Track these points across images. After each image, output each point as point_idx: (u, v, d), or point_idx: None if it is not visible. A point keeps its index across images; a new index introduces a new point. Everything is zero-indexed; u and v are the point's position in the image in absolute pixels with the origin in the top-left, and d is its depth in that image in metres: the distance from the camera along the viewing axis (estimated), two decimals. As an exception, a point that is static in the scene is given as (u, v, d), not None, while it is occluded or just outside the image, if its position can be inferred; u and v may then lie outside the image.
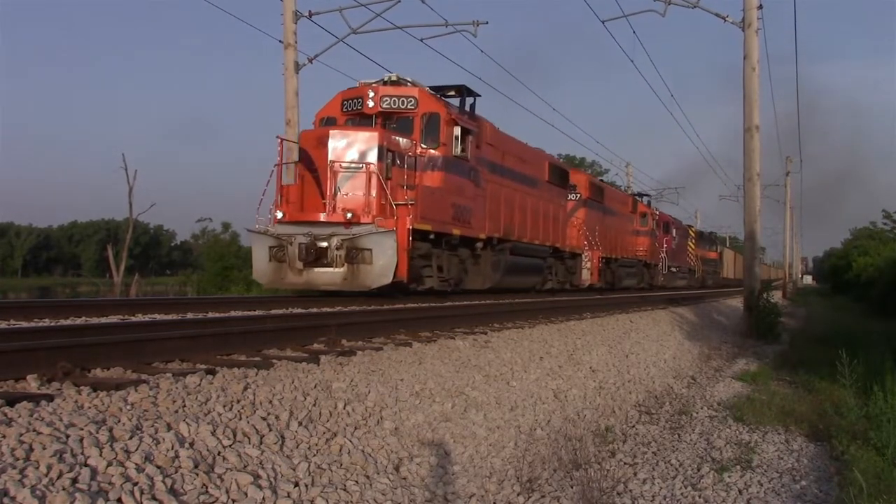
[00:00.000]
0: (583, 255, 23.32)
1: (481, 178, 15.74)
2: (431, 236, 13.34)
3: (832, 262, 72.47)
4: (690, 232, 48.21)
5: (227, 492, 3.80)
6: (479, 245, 15.65)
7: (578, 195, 24.13)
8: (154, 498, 3.47)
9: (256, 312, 8.03)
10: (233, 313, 7.93)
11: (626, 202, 32.26)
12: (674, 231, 40.04)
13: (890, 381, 7.75)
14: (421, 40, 20.42)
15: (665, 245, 36.19)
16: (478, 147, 15.50)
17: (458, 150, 14.27)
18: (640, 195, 38.51)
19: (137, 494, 3.43)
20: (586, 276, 23.69)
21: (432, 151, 14.04)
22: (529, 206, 18.75)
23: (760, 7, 18.57)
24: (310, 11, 19.68)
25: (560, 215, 21.57)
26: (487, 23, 19.28)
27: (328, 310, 9.62)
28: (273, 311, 8.21)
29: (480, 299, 14.47)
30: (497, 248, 16.69)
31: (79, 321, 6.71)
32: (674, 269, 39.33)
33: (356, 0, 19.39)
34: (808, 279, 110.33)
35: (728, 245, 75.26)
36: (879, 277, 31.16)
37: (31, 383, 4.59)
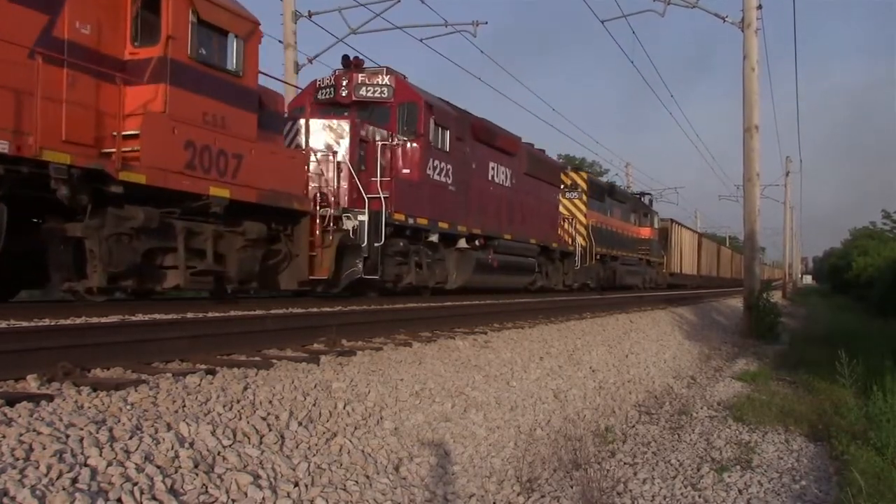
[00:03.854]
0: None
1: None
2: None
3: (832, 262, 72.43)
4: (576, 178, 23.85)
5: (227, 492, 3.81)
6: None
7: None
8: (154, 498, 3.47)
9: (256, 312, 8.02)
10: (233, 313, 7.92)
11: None
12: (448, 137, 14.25)
13: (889, 381, 7.76)
14: (421, 40, 20.45)
15: (391, 169, 12.68)
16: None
17: None
18: None
19: (137, 494, 3.43)
20: None
21: None
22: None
23: (760, 7, 18.59)
24: (309, 12, 19.77)
25: None
26: (487, 23, 19.30)
27: (328, 310, 9.61)
28: (273, 311, 8.21)
29: (481, 299, 14.46)
30: None
31: (79, 321, 6.70)
32: (465, 246, 15.06)
33: (356, 0, 19.44)
34: (808, 279, 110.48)
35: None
36: (879, 277, 31.15)
37: (31, 383, 4.59)
